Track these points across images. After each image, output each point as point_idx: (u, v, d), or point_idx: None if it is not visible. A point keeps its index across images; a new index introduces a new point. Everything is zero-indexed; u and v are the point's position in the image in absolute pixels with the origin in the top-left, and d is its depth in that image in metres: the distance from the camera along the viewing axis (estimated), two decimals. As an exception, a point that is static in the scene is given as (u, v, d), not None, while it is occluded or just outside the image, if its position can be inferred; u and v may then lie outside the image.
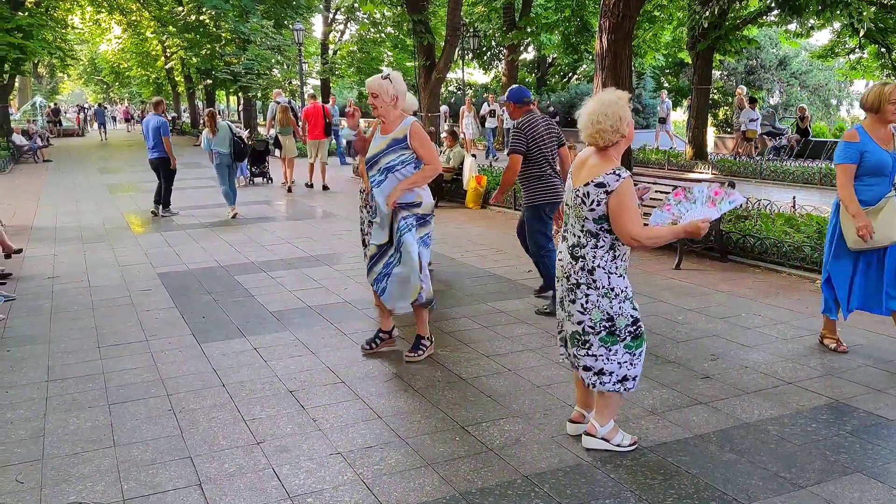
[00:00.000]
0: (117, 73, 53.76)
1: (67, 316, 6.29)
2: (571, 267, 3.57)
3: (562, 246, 3.69)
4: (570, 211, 3.59)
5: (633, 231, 3.39)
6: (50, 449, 3.84)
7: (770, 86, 39.32)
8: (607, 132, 3.42)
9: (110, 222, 11.40)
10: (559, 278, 3.68)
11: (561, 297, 3.69)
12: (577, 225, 3.56)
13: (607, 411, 3.70)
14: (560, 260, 3.68)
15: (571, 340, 3.66)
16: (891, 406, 4.17)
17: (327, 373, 4.86)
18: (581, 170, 3.54)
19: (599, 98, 3.50)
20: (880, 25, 16.71)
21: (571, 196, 3.55)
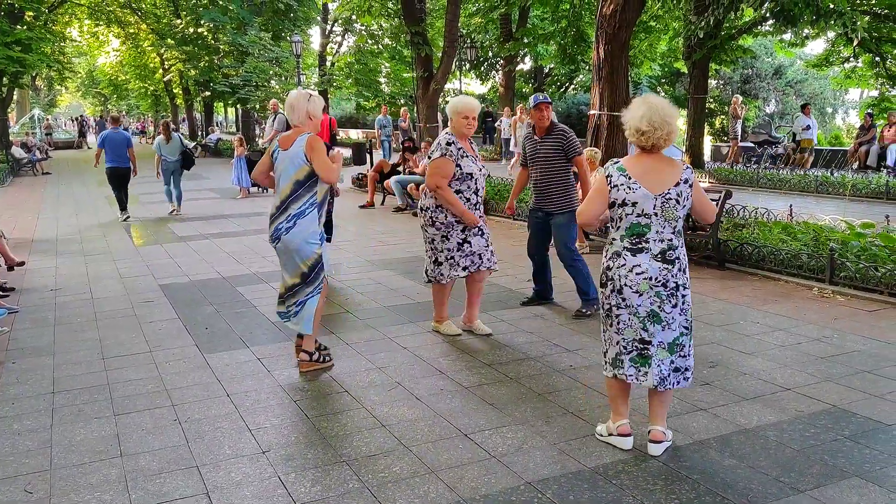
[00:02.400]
0: (115, 86, 53.91)
1: (71, 328, 6.33)
2: (668, 272, 3.60)
3: (640, 258, 3.60)
4: (655, 218, 3.57)
5: (711, 207, 3.77)
6: (57, 459, 3.88)
7: (766, 95, 39.49)
8: (674, 133, 3.58)
9: (111, 234, 11.45)
10: (642, 292, 3.60)
11: (650, 310, 3.61)
12: (666, 229, 3.60)
13: (667, 411, 3.86)
14: (642, 272, 3.59)
15: (671, 348, 3.67)
16: (888, 411, 4.22)
17: (330, 382, 4.90)
18: (654, 174, 3.59)
19: (657, 101, 3.59)
20: (874, 34, 16.84)
21: (656, 203, 3.55)
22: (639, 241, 3.61)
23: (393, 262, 8.76)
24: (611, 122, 11.54)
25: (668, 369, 3.68)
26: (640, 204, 3.57)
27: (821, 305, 6.48)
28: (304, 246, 4.90)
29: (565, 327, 6.01)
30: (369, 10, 24.21)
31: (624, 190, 3.59)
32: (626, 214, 3.61)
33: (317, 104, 4.99)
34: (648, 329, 3.64)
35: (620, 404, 3.85)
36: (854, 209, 11.87)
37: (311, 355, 5.13)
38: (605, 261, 3.74)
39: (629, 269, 3.62)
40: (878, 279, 6.62)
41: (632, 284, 3.61)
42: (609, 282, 3.71)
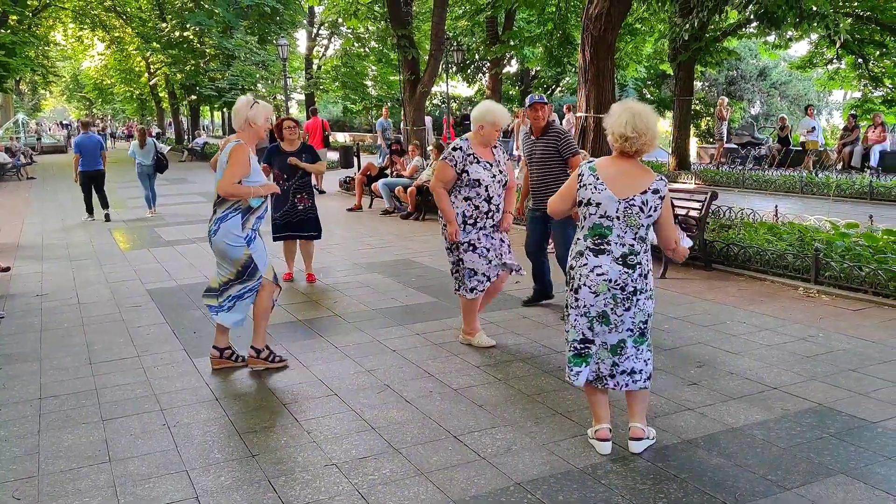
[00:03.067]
0: (100, 90, 53.64)
1: (58, 333, 6.30)
2: (628, 276, 3.62)
3: (602, 259, 3.63)
4: (616, 222, 3.59)
5: (674, 234, 3.75)
6: (45, 465, 3.86)
7: (751, 96, 39.79)
8: (655, 140, 3.60)
9: (97, 239, 11.39)
10: (599, 293, 3.62)
11: (601, 311, 3.65)
12: (628, 234, 3.61)
13: (645, 410, 3.87)
14: (602, 274, 3.61)
15: (614, 350, 3.70)
16: (873, 409, 4.26)
17: (319, 385, 4.90)
18: (623, 178, 3.61)
19: (639, 107, 3.61)
20: (857, 36, 17.05)
21: (619, 207, 3.57)
22: (601, 243, 3.65)
23: (381, 265, 8.77)
24: (597, 125, 11.58)
25: (608, 369, 3.74)
26: (603, 205, 3.61)
27: (806, 305, 6.54)
28: (229, 248, 5.00)
29: (553, 329, 6.03)
30: (356, 14, 24.18)
31: (590, 190, 3.63)
32: (590, 214, 3.66)
33: (258, 111, 5.00)
34: (594, 328, 3.70)
35: (596, 407, 3.88)
36: (838, 209, 11.98)
37: (258, 352, 5.20)
38: (570, 259, 3.80)
39: (590, 269, 3.66)
40: (863, 279, 6.69)
41: (590, 285, 3.65)
42: (570, 280, 3.77)
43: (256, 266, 5.06)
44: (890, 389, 4.54)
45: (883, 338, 5.53)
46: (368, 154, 28.93)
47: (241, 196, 4.95)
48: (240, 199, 4.97)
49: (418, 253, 9.50)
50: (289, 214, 7.72)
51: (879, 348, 5.31)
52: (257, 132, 5.04)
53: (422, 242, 10.31)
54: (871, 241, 7.29)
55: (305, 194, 7.85)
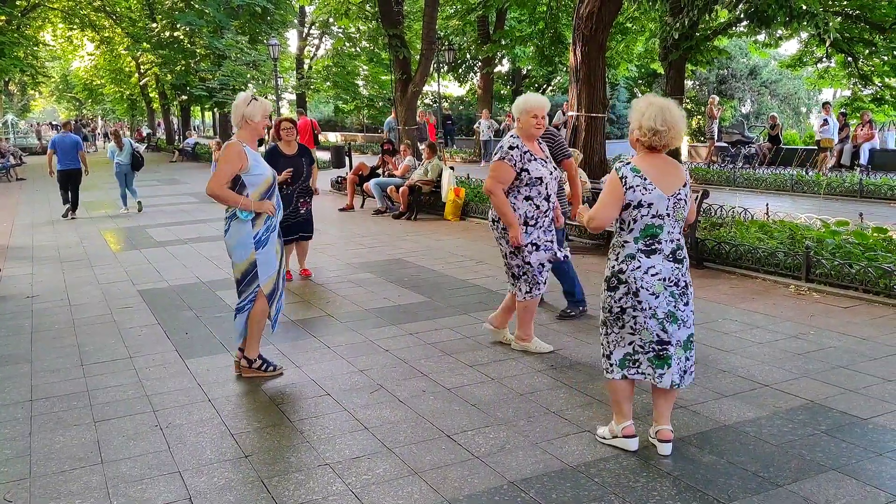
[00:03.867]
0: (90, 90, 53.38)
1: (49, 335, 6.27)
2: (679, 271, 3.63)
3: (654, 259, 3.59)
4: (667, 219, 3.59)
5: (695, 212, 3.76)
6: (37, 467, 3.85)
7: (741, 95, 39.94)
8: (682, 133, 3.61)
9: (88, 240, 11.35)
10: (658, 294, 3.59)
11: (668, 311, 3.61)
12: (676, 229, 3.64)
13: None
14: (656, 274, 3.59)
15: (686, 346, 3.69)
16: (863, 406, 4.29)
17: (312, 385, 4.90)
18: (665, 175, 3.61)
19: (665, 101, 3.59)
20: (846, 35, 17.12)
21: (668, 203, 3.57)
22: (652, 243, 3.60)
23: (373, 265, 8.76)
24: (588, 124, 11.63)
25: (685, 367, 3.72)
26: (655, 205, 3.56)
27: (797, 303, 6.57)
28: (236, 248, 4.93)
29: (546, 328, 6.04)
30: (347, 13, 24.14)
31: (640, 191, 3.55)
32: (642, 216, 3.57)
33: (255, 108, 4.92)
34: (668, 329, 3.63)
35: (625, 405, 3.80)
36: (829, 207, 12.04)
37: (250, 362, 5.10)
38: (617, 264, 3.66)
39: (644, 270, 3.59)
40: (853, 276, 6.72)
41: (648, 287, 3.59)
42: (622, 285, 3.64)
43: (256, 274, 4.93)
44: (880, 386, 4.57)
45: (873, 335, 5.56)
46: (360, 154, 28.91)
47: (226, 202, 4.83)
48: (227, 204, 4.88)
49: (411, 253, 9.50)
50: (291, 217, 7.68)
51: (870, 345, 5.34)
52: (255, 129, 4.99)
53: (414, 242, 10.31)
54: (862, 239, 7.34)
55: (308, 198, 7.88)
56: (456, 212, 12.34)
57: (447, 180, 12.57)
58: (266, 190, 4.95)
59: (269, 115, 5.09)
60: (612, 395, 3.87)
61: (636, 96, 34.38)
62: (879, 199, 13.35)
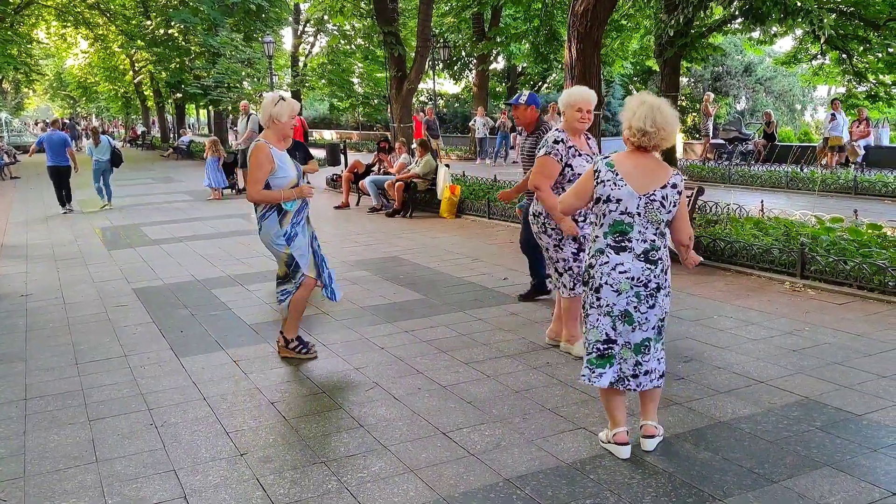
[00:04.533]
0: (84, 88, 53.19)
1: (43, 333, 6.25)
2: (651, 272, 3.56)
3: (623, 257, 3.55)
4: (637, 218, 3.53)
5: (689, 229, 3.69)
6: (31, 466, 3.83)
7: (736, 92, 39.98)
8: (673, 134, 3.56)
9: (82, 238, 11.31)
10: (622, 291, 3.56)
11: (623, 310, 3.58)
12: (649, 229, 3.56)
13: (656, 407, 3.84)
14: (625, 272, 3.55)
15: (637, 349, 3.63)
16: (858, 402, 4.30)
17: (307, 383, 4.89)
18: (643, 174, 3.54)
19: (657, 101, 3.53)
20: (841, 32, 17.14)
21: (638, 202, 3.51)
22: (622, 240, 3.56)
23: (368, 263, 8.75)
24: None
25: (631, 369, 3.65)
26: (623, 202, 3.53)
27: (792, 299, 6.58)
28: (271, 247, 5.16)
29: (541, 324, 6.04)
30: (341, 11, 24.11)
31: (609, 186, 3.54)
32: (610, 211, 3.56)
33: (282, 108, 4.98)
34: (617, 328, 3.61)
35: (614, 411, 3.75)
36: (824, 204, 12.07)
37: (287, 342, 5.33)
38: (588, 258, 3.68)
39: (612, 266, 3.57)
40: (848, 272, 6.73)
41: (612, 283, 3.56)
42: (590, 279, 3.65)
43: (298, 265, 5.14)
44: (875, 382, 4.58)
45: (868, 331, 5.57)
46: (355, 151, 28.87)
47: (269, 202, 5.02)
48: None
49: (406, 250, 9.49)
50: None
51: (864, 341, 5.35)
52: (282, 129, 5.05)
53: (410, 240, 10.30)
54: (856, 236, 7.35)
55: None
56: (451, 209, 12.34)
57: (443, 178, 12.56)
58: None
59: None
60: (601, 400, 3.87)
61: (631, 93, 34.38)
62: (874, 195, 13.39)
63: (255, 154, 4.94)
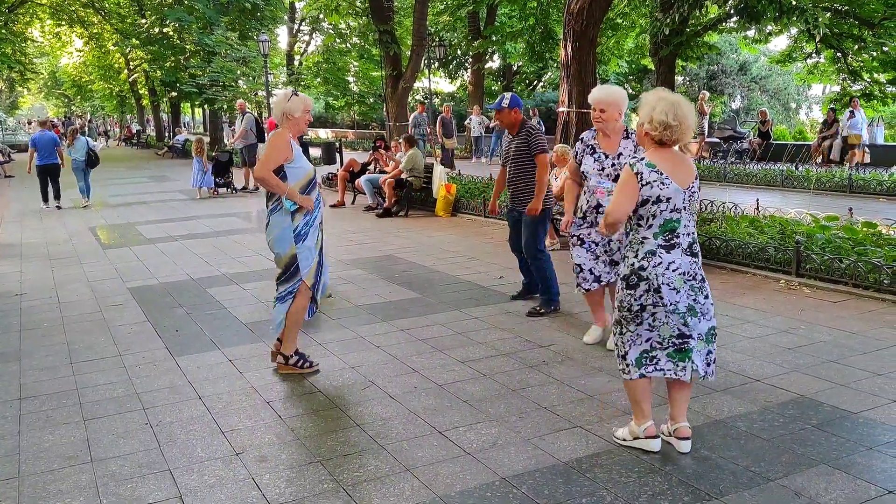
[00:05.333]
0: (79, 87, 53.03)
1: (38, 333, 6.23)
2: (695, 264, 3.62)
3: (674, 254, 3.57)
4: (684, 212, 3.57)
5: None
6: (26, 466, 3.82)
7: (731, 90, 40.06)
8: (692, 128, 3.58)
9: (77, 238, 11.28)
10: (679, 289, 3.56)
11: (689, 305, 3.59)
12: (691, 222, 3.62)
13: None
14: (677, 269, 3.56)
15: (708, 338, 3.67)
16: (853, 400, 4.30)
17: (303, 382, 4.88)
18: (679, 169, 3.58)
19: (674, 96, 3.56)
20: (835, 31, 17.16)
21: (684, 197, 3.55)
22: (671, 237, 3.57)
23: (364, 262, 8.74)
24: (580, 119, 11.62)
25: (707, 359, 3.69)
26: (673, 199, 3.53)
27: (788, 297, 6.59)
28: (276, 242, 4.97)
29: (537, 323, 6.04)
30: (337, 9, 24.11)
31: (658, 186, 3.52)
32: (661, 211, 3.54)
33: (295, 103, 4.97)
34: (688, 323, 3.61)
35: (645, 405, 3.73)
36: (818, 202, 12.09)
37: (287, 359, 5.09)
38: (637, 261, 3.60)
39: (665, 266, 3.56)
40: (843, 271, 6.74)
41: (669, 282, 3.56)
42: (643, 282, 3.59)
43: (298, 267, 4.95)
44: (870, 380, 4.59)
45: (863, 329, 5.58)
46: (351, 150, 28.85)
47: (271, 187, 4.87)
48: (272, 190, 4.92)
49: (402, 249, 9.48)
50: None
51: (860, 339, 5.36)
52: (296, 124, 5.01)
53: (405, 238, 10.30)
54: (851, 234, 7.36)
55: None
56: (447, 208, 12.33)
57: (438, 177, 12.56)
58: (307, 184, 4.98)
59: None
60: (630, 395, 3.80)
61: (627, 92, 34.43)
62: (869, 194, 13.42)
63: (276, 138, 4.91)
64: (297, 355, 5.12)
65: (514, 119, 6.26)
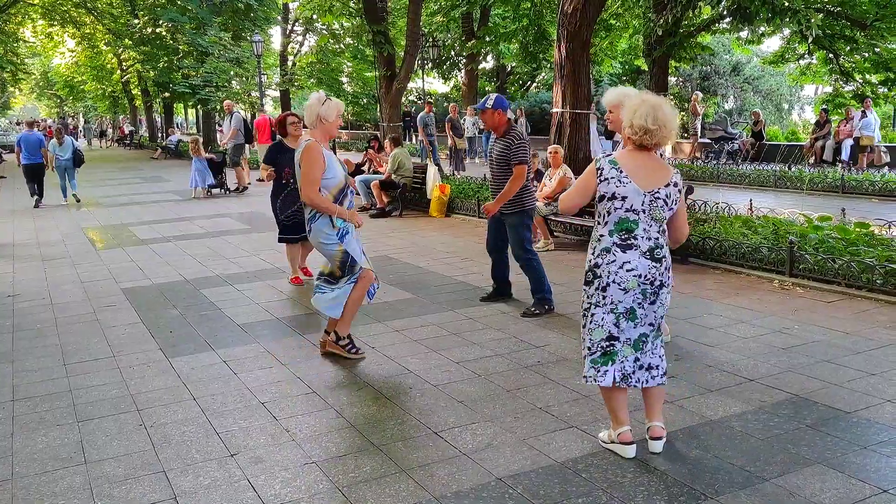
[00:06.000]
0: (71, 87, 52.80)
1: (30, 334, 6.20)
2: (656, 270, 3.56)
3: (630, 255, 3.54)
4: (643, 216, 3.54)
5: (686, 227, 3.75)
6: (19, 468, 3.80)
7: (724, 91, 40.15)
8: (673, 132, 3.56)
9: (70, 238, 11.23)
10: (629, 289, 3.55)
11: (629, 307, 3.58)
12: (653, 227, 3.57)
13: (661, 406, 3.81)
14: (632, 269, 3.54)
15: (636, 345, 3.63)
16: (847, 399, 4.32)
17: (298, 383, 4.87)
18: (646, 172, 3.55)
19: (657, 99, 3.54)
20: (828, 32, 17.22)
21: (643, 199, 3.52)
22: (628, 238, 3.56)
23: (359, 262, 8.72)
24: (574, 120, 11.64)
25: (631, 366, 3.65)
26: (629, 199, 3.52)
27: (781, 297, 6.61)
28: (323, 246, 5.09)
29: (531, 323, 6.04)
30: (330, 10, 24.02)
31: (614, 183, 3.52)
32: (615, 209, 3.54)
33: (330, 108, 4.97)
34: (620, 325, 3.60)
35: (618, 410, 3.73)
36: (811, 203, 12.13)
37: (339, 338, 5.28)
38: (593, 258, 3.63)
39: (619, 265, 3.55)
40: (836, 271, 6.77)
41: (620, 281, 3.55)
42: (595, 279, 3.61)
43: (354, 260, 5.11)
44: (864, 380, 4.61)
45: (856, 329, 5.60)
46: (345, 151, 28.83)
47: (321, 209, 4.99)
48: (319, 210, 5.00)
49: (396, 249, 9.47)
50: (298, 214, 7.28)
51: (853, 339, 5.38)
52: (329, 129, 5.03)
53: (400, 239, 10.29)
54: (844, 234, 7.38)
55: None
56: (441, 209, 12.33)
57: (431, 178, 12.55)
58: (339, 192, 5.02)
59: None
60: (604, 400, 3.83)
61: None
62: (861, 194, 13.47)
63: (310, 152, 4.90)
64: (348, 338, 5.30)
65: (497, 120, 6.26)
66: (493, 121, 6.26)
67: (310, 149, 4.91)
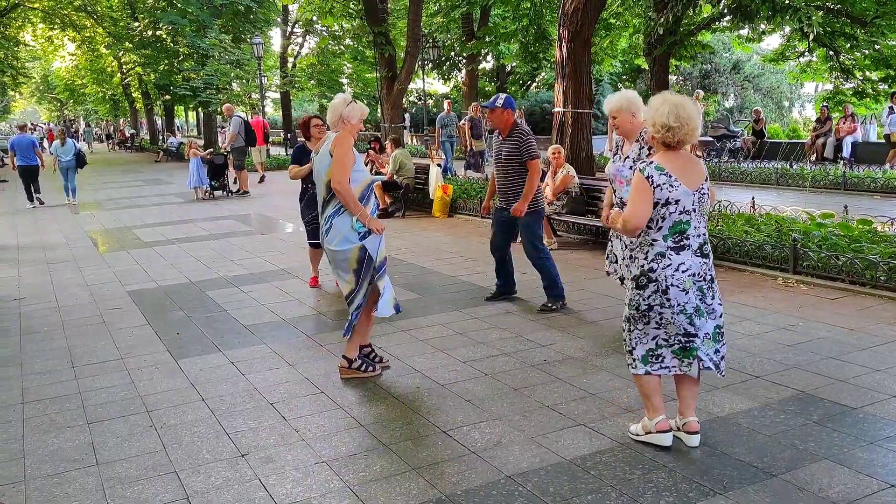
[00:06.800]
0: (72, 90, 52.87)
1: (38, 337, 6.23)
2: (706, 265, 3.66)
3: (684, 255, 3.60)
4: (694, 214, 3.60)
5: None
6: (32, 470, 3.83)
7: (725, 89, 40.19)
8: (697, 130, 3.60)
9: (74, 241, 11.26)
10: (688, 290, 3.59)
11: (696, 306, 3.62)
12: (702, 224, 3.66)
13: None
14: (686, 270, 3.59)
15: (715, 337, 3.71)
16: (853, 395, 4.34)
17: (306, 384, 4.90)
18: (688, 171, 3.61)
19: (679, 98, 3.59)
20: (828, 29, 17.23)
21: (693, 199, 3.58)
22: (681, 239, 3.60)
23: (363, 263, 8.74)
24: (575, 119, 11.65)
25: (714, 358, 3.73)
26: (682, 201, 3.56)
27: (785, 295, 6.63)
28: (343, 243, 4.78)
29: (537, 322, 6.07)
30: (331, 11, 24.07)
31: (667, 189, 3.55)
32: (670, 213, 3.57)
33: (353, 110, 4.91)
34: (695, 323, 3.64)
35: (655, 399, 3.78)
36: (814, 200, 12.15)
37: (350, 362, 4.99)
38: (647, 262, 3.64)
39: (675, 268, 3.59)
40: (839, 268, 6.79)
41: (678, 284, 3.59)
42: (652, 283, 3.63)
43: (370, 255, 4.84)
44: (869, 376, 4.63)
45: (861, 325, 5.62)
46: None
47: (346, 202, 4.72)
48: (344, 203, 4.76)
49: (400, 250, 9.50)
50: (318, 219, 7.27)
51: (858, 336, 5.40)
52: (352, 130, 4.98)
53: (403, 239, 10.31)
54: (847, 231, 7.40)
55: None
56: (444, 209, 12.35)
57: (434, 178, 12.58)
58: (365, 188, 4.92)
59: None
60: (640, 390, 3.86)
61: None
62: (862, 191, 13.48)
63: (343, 140, 4.80)
64: (359, 359, 5.03)
65: (505, 120, 6.30)
66: (501, 119, 6.29)
67: (342, 137, 4.84)
